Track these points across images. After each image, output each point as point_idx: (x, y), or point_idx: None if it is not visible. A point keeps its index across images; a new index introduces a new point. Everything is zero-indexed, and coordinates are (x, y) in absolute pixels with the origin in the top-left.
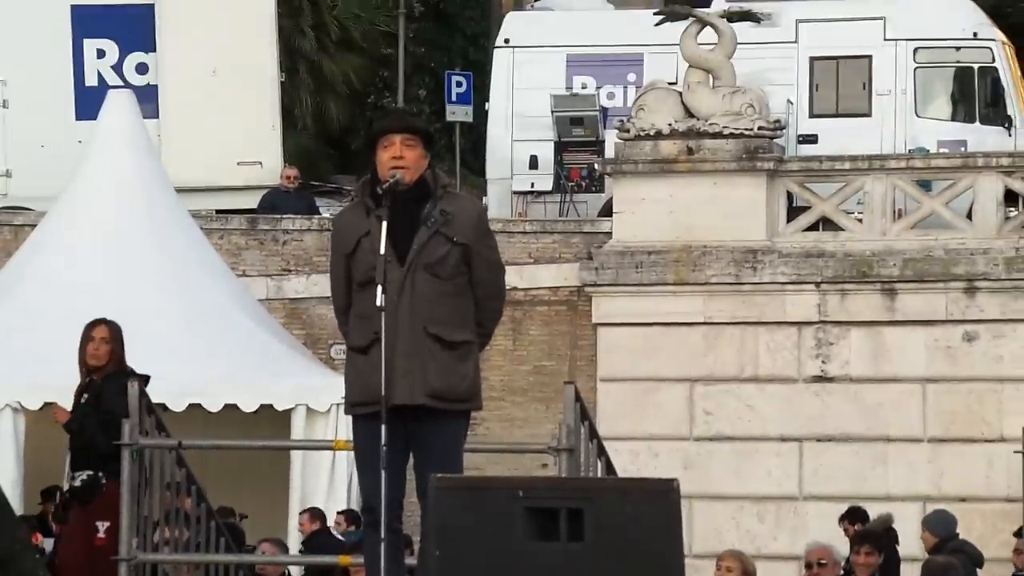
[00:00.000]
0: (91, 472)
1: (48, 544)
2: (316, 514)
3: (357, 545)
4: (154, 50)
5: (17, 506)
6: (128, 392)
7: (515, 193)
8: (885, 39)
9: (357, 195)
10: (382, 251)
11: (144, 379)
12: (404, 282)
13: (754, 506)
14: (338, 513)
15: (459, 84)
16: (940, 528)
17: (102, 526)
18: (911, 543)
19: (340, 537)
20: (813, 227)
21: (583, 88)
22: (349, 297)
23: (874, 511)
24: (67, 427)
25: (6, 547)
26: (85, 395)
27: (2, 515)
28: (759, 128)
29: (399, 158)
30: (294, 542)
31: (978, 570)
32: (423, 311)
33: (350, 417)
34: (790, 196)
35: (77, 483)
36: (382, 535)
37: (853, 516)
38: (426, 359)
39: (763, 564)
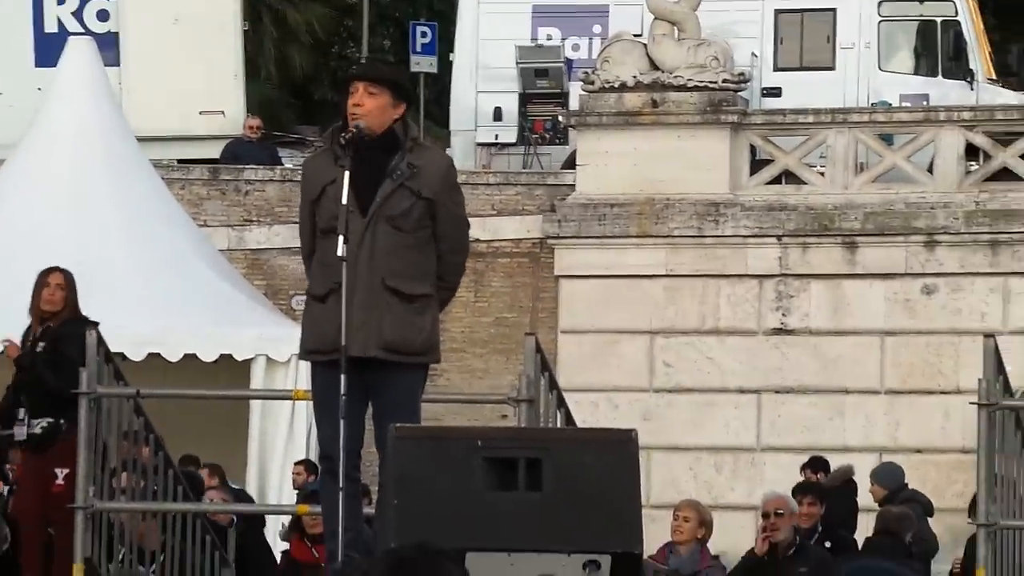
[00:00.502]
0: (51, 419)
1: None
2: (311, 467)
3: (314, 494)
4: None
5: None
6: (86, 340)
7: (479, 145)
8: None
9: (326, 142)
10: (344, 201)
11: (94, 325)
12: (365, 233)
13: (712, 457)
14: (296, 463)
15: (424, 35)
16: (888, 480)
17: (61, 473)
18: (866, 494)
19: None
20: (776, 180)
21: (548, 39)
22: (314, 243)
23: (832, 463)
24: (18, 361)
25: None
26: (41, 343)
27: None
28: (723, 81)
29: (358, 105)
30: (253, 490)
31: (929, 519)
32: (382, 263)
33: (309, 365)
34: (753, 149)
35: (37, 430)
36: (340, 484)
37: (815, 465)
38: (383, 311)
39: (720, 514)
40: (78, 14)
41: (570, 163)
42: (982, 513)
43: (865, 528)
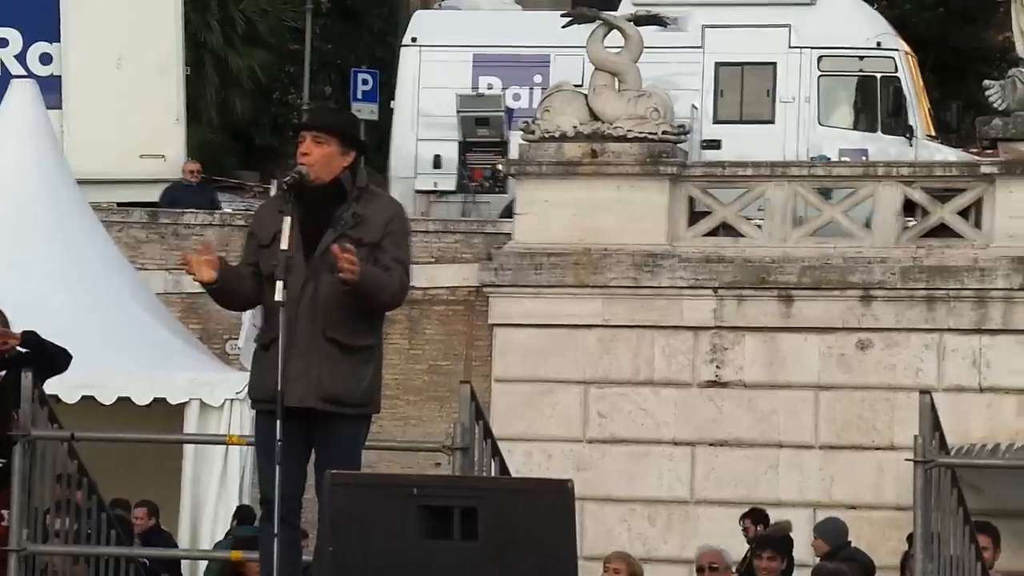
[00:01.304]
0: (4, 460)
1: None
2: (153, 510)
3: (248, 540)
4: (58, 40)
5: None
6: (21, 382)
7: (418, 192)
8: (790, 47)
9: (279, 188)
10: (284, 246)
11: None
12: (307, 283)
13: (645, 509)
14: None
15: (365, 82)
16: (832, 536)
17: (7, 514)
18: (801, 550)
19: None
20: (714, 232)
21: (489, 88)
22: (246, 268)
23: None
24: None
25: None
26: None
27: None
28: (663, 132)
29: (305, 154)
30: (184, 537)
31: None
32: (323, 314)
33: (243, 412)
34: (692, 201)
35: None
36: (275, 530)
37: (756, 517)
38: (323, 362)
39: (654, 567)
40: (20, 57)
41: (508, 212)
42: (919, 572)
43: None
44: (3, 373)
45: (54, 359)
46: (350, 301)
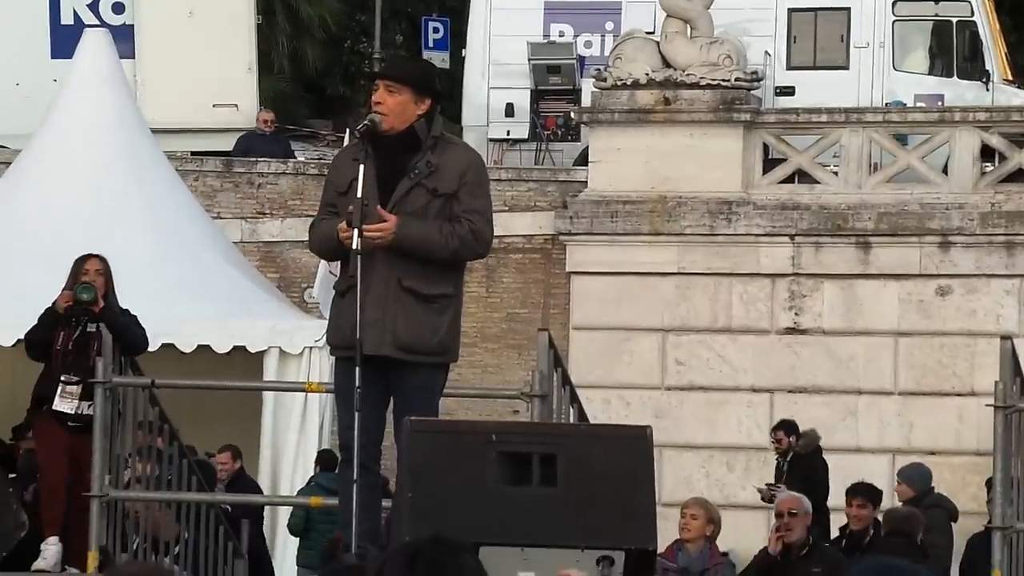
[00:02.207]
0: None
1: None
2: (236, 453)
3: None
4: None
5: None
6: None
7: (491, 141)
8: None
9: (353, 138)
10: (359, 194)
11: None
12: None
13: (724, 455)
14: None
15: (436, 30)
16: (918, 481)
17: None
18: (893, 494)
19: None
20: (788, 179)
21: (560, 36)
22: (326, 216)
23: (845, 463)
24: (99, 314)
25: None
26: (83, 328)
27: None
28: (736, 79)
29: (378, 103)
30: (264, 485)
31: (952, 524)
32: (399, 263)
33: (321, 360)
34: (766, 148)
35: (89, 412)
36: (355, 476)
37: (788, 428)
38: (396, 311)
39: (732, 513)
40: (94, 6)
41: (582, 160)
42: (998, 516)
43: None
44: (92, 328)
45: (129, 347)
46: None
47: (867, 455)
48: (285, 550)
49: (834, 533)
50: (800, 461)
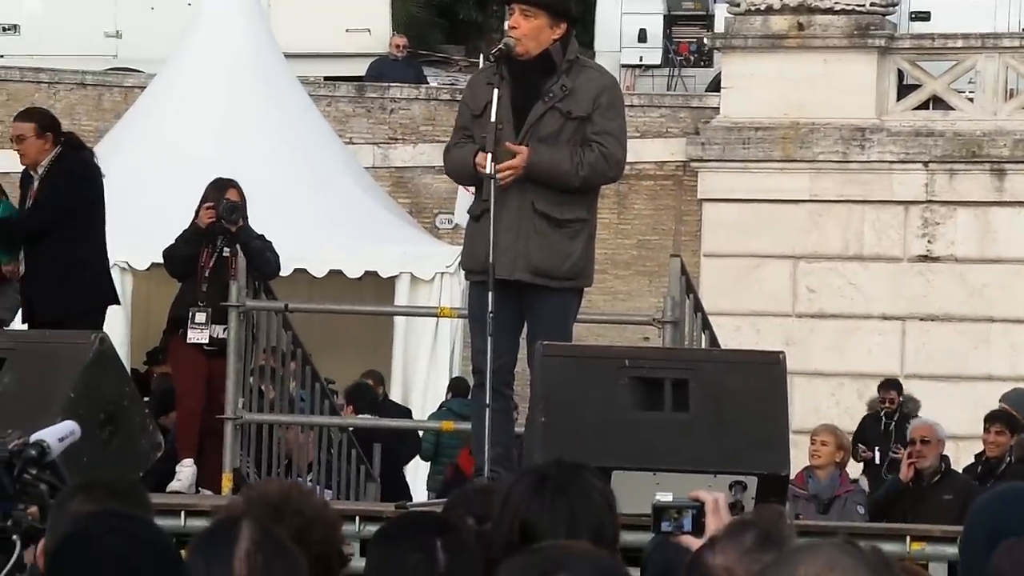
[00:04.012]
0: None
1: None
2: (378, 379)
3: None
4: None
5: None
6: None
7: (623, 67)
8: None
9: (488, 62)
10: (493, 118)
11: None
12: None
13: (855, 383)
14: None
15: None
16: (1018, 403)
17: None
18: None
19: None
20: (923, 106)
21: None
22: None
23: (977, 391)
24: (235, 235)
25: (114, 401)
26: (219, 251)
27: (112, 370)
28: (871, 4)
29: (513, 27)
30: None
31: None
32: (533, 187)
33: (452, 286)
34: (900, 74)
35: (223, 335)
36: (487, 400)
37: (898, 388)
38: (530, 235)
39: None
40: None
41: (715, 86)
42: None
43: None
44: (227, 253)
45: (263, 271)
46: None
47: (999, 383)
48: (416, 474)
49: (969, 460)
50: (906, 423)
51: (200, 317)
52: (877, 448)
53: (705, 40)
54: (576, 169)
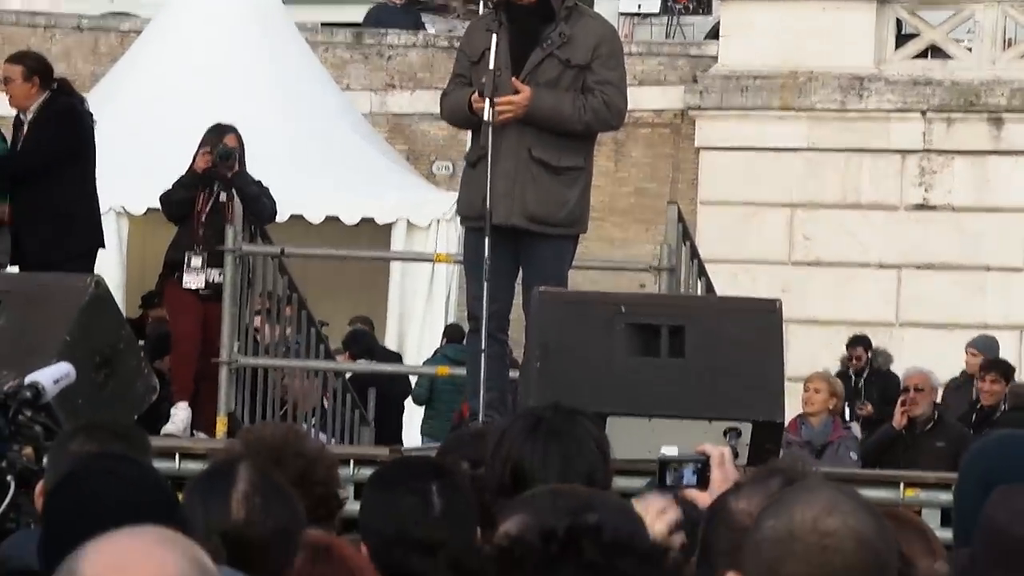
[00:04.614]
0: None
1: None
2: (368, 325)
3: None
4: None
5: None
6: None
7: (621, 14)
8: None
9: (487, 7)
10: (491, 65)
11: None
12: None
13: (850, 331)
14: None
15: None
16: (985, 349)
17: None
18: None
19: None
20: (921, 55)
21: None
22: (455, 87)
23: (970, 338)
24: (230, 180)
25: (110, 344)
26: (216, 196)
27: (108, 313)
28: None
29: None
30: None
31: None
32: (530, 134)
33: (448, 233)
34: (899, 23)
35: (219, 279)
36: (483, 345)
37: (865, 344)
38: (527, 182)
39: None
40: None
41: (713, 34)
42: None
43: None
44: (223, 199)
45: (259, 216)
46: None
47: (994, 331)
48: (410, 419)
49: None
50: (878, 378)
51: (196, 261)
52: (846, 404)
53: None
54: (579, 113)
